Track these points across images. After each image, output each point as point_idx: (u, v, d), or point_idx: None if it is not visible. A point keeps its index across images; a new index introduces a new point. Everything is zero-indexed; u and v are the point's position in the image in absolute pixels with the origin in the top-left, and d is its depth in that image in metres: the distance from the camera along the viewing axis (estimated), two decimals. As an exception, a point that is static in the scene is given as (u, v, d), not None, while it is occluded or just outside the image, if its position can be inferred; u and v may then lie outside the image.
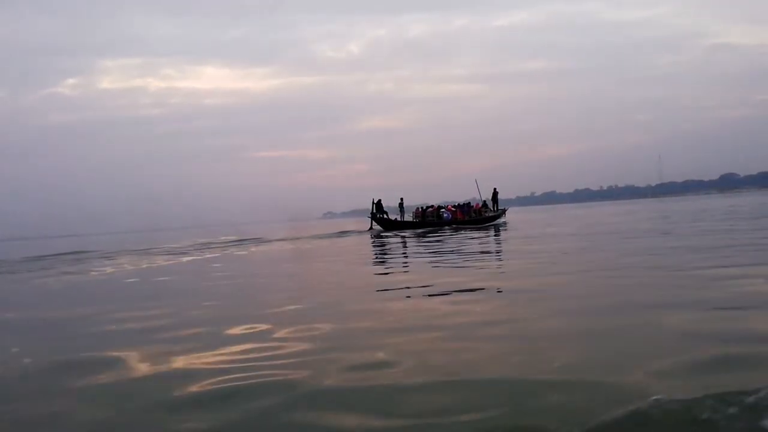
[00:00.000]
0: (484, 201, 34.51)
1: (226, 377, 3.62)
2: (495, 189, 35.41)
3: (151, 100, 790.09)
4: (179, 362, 4.14)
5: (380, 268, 11.29)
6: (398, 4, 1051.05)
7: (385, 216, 32.58)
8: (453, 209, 33.42)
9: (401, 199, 34.33)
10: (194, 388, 3.43)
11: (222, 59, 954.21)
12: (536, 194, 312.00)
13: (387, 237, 24.13)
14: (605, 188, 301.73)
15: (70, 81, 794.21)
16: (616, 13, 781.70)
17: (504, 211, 35.29)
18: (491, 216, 33.51)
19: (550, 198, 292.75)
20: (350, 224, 45.66)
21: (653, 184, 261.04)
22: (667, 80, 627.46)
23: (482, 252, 13.22)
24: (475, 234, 21.17)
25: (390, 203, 34.35)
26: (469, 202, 34.49)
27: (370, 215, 32.54)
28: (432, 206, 34.35)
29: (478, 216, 32.92)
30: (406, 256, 13.60)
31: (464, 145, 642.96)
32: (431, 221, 32.25)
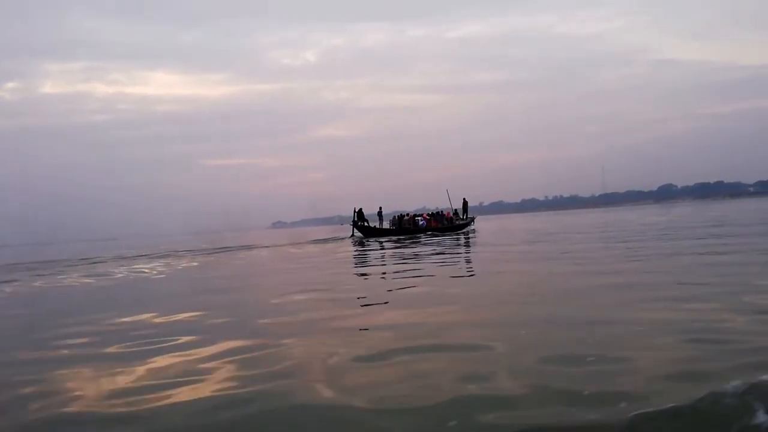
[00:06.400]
0: (455, 210, 37.15)
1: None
2: (464, 199, 38.32)
3: (98, 105, 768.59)
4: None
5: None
6: (354, 13, 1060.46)
7: (366, 224, 34.71)
8: (428, 217, 35.90)
9: (380, 208, 36.64)
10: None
11: (173, 65, 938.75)
12: (485, 204, 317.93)
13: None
14: (551, 198, 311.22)
15: (10, 85, 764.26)
16: (568, 27, 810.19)
17: (473, 219, 38.03)
18: (462, 224, 36.17)
19: (498, 207, 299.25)
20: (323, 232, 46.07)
21: (597, 195, 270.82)
22: (615, 94, 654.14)
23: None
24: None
25: (369, 212, 36.36)
26: (442, 211, 37.08)
27: (352, 223, 34.56)
28: (408, 214, 36.71)
29: (450, 224, 35.52)
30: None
31: (419, 154, 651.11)
32: (408, 228, 34.55)
